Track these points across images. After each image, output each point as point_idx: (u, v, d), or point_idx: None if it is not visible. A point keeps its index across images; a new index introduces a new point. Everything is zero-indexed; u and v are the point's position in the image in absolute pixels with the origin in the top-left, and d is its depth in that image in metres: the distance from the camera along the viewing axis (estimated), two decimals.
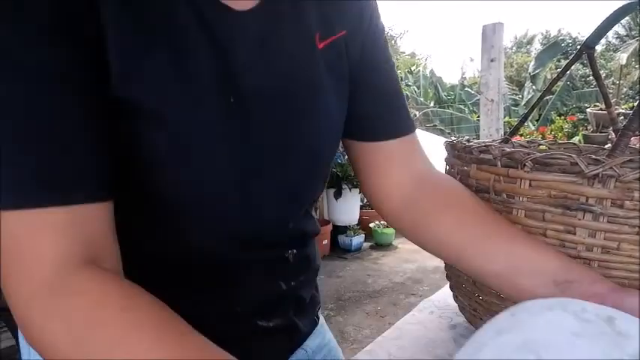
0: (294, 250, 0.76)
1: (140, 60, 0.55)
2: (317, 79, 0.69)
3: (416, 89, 16.30)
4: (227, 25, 0.60)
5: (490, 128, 5.51)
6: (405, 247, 5.77)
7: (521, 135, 6.80)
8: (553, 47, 15.04)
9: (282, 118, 0.66)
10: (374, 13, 0.78)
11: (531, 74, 14.71)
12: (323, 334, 0.89)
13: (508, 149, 0.73)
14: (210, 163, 0.61)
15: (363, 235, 5.71)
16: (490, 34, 5.30)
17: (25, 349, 0.78)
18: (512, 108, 13.87)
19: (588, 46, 0.93)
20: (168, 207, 0.62)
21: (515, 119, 11.03)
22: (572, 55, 0.98)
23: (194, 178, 0.61)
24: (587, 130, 8.26)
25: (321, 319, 0.90)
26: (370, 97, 0.78)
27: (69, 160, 0.50)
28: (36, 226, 0.48)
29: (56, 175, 0.49)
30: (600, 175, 0.64)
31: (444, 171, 0.92)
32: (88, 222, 0.50)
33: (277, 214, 0.71)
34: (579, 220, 0.67)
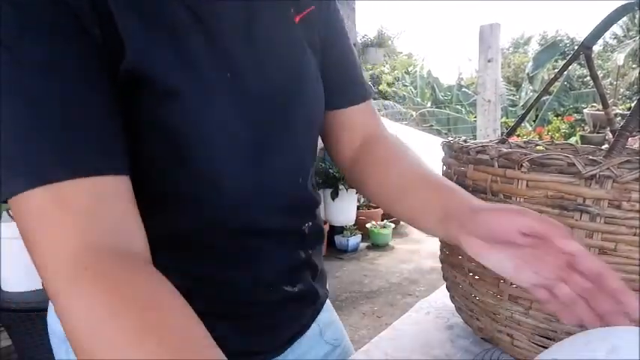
0: (310, 223, 0.82)
1: (149, 41, 0.57)
2: (301, 52, 0.75)
3: (413, 89, 16.29)
4: (214, 7, 0.64)
5: (487, 129, 5.52)
6: (401, 247, 5.77)
7: (518, 135, 6.81)
8: (551, 48, 15.04)
9: (279, 88, 0.71)
10: None
11: (529, 75, 14.73)
12: (331, 311, 0.97)
13: (505, 150, 0.73)
14: (222, 137, 0.64)
15: (360, 236, 5.70)
16: (487, 34, 5.32)
17: (61, 349, 0.78)
18: (510, 108, 13.88)
19: (586, 46, 0.93)
20: (188, 183, 0.65)
21: (513, 120, 11.05)
22: (570, 56, 0.98)
23: (207, 152, 0.63)
24: (584, 130, 8.27)
25: (328, 300, 0.97)
26: (334, 69, 0.84)
27: (91, 136, 0.51)
28: (61, 201, 0.48)
29: (79, 150, 0.50)
30: (597, 176, 0.64)
31: (440, 172, 0.92)
32: (113, 197, 0.51)
33: (288, 182, 0.76)
34: (576, 220, 0.66)
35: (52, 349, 0.83)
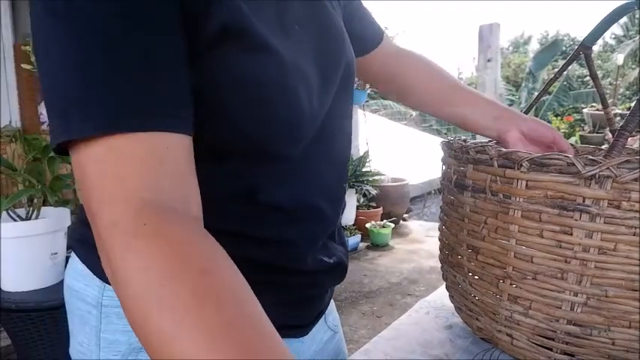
0: (345, 182, 0.87)
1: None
2: (337, 13, 0.81)
3: None
4: None
5: None
6: (401, 247, 5.77)
7: None
8: (552, 47, 15.02)
9: (336, 49, 0.76)
10: None
11: (529, 74, 14.71)
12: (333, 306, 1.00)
13: (505, 149, 0.73)
14: (309, 97, 0.68)
15: (360, 236, 5.70)
16: (487, 34, 5.32)
17: (91, 315, 0.76)
18: None
19: (585, 46, 0.93)
20: (263, 137, 0.66)
21: None
22: (569, 56, 0.98)
23: (292, 105, 0.66)
24: (583, 130, 8.28)
25: None
26: (356, 19, 0.98)
27: (163, 90, 0.50)
28: (126, 153, 0.47)
29: (152, 104, 0.49)
30: (597, 176, 0.63)
31: (440, 172, 0.92)
32: (176, 156, 0.50)
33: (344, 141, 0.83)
34: (576, 220, 0.66)
35: (71, 319, 0.79)
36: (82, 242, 0.76)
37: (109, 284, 0.66)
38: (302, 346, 0.84)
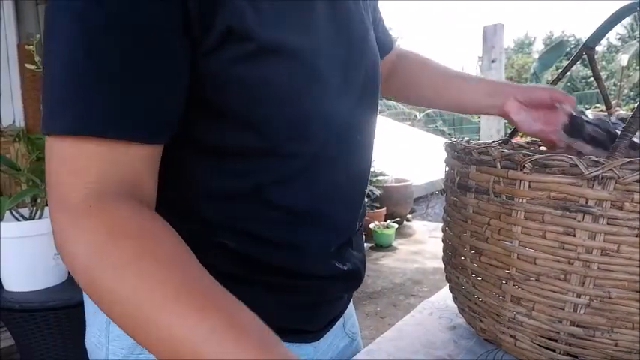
0: (368, 188, 0.88)
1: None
2: (363, 7, 0.81)
3: None
4: None
5: (491, 129, 5.52)
6: (405, 248, 5.77)
7: (521, 136, 6.78)
8: (557, 49, 14.99)
9: (357, 48, 0.76)
10: None
11: (532, 75, 14.68)
12: (351, 302, 0.99)
13: (507, 151, 0.73)
14: (330, 100, 0.70)
15: (363, 236, 5.70)
16: (491, 35, 5.31)
17: (101, 350, 0.78)
18: None
19: (588, 46, 0.93)
20: (272, 136, 0.67)
21: None
22: (572, 56, 0.98)
23: (309, 114, 0.68)
24: None
25: None
26: (376, 23, 0.96)
27: (131, 102, 0.53)
28: (83, 152, 0.52)
29: (112, 113, 0.52)
30: (600, 177, 0.63)
31: (443, 173, 0.92)
32: (132, 158, 0.55)
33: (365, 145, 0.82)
34: (579, 222, 0.66)
35: (87, 309, 0.83)
36: None
37: None
38: (315, 351, 0.84)
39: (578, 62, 1.00)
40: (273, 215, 0.71)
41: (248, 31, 0.57)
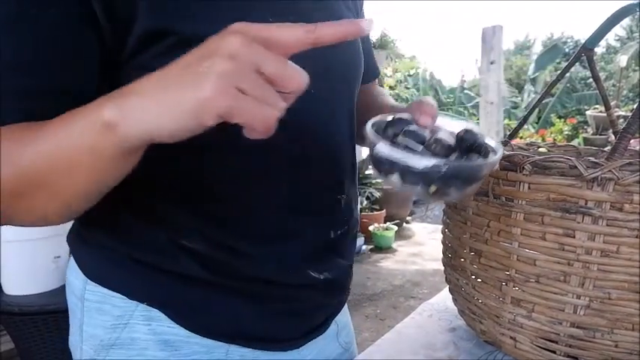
0: (344, 195, 0.81)
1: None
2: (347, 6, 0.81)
3: (415, 92, 16.28)
4: None
5: (490, 131, 5.52)
6: (404, 250, 5.76)
7: (520, 137, 6.80)
8: (554, 50, 15.01)
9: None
10: None
11: (531, 77, 14.71)
12: (347, 313, 0.99)
13: (507, 152, 0.73)
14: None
15: (363, 238, 5.69)
16: (490, 36, 5.32)
17: (77, 350, 0.79)
18: (512, 110, 13.84)
19: (587, 47, 0.93)
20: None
21: (515, 122, 11.04)
22: (571, 58, 0.98)
23: None
24: (587, 132, 8.27)
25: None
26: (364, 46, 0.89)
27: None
28: None
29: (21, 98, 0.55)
30: (599, 178, 0.63)
31: None
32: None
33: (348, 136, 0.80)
34: (578, 223, 0.66)
35: (69, 312, 0.83)
36: (75, 235, 0.78)
37: (91, 279, 0.73)
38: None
39: (578, 63, 1.00)
40: (240, 222, 0.70)
41: (166, 27, 0.58)
